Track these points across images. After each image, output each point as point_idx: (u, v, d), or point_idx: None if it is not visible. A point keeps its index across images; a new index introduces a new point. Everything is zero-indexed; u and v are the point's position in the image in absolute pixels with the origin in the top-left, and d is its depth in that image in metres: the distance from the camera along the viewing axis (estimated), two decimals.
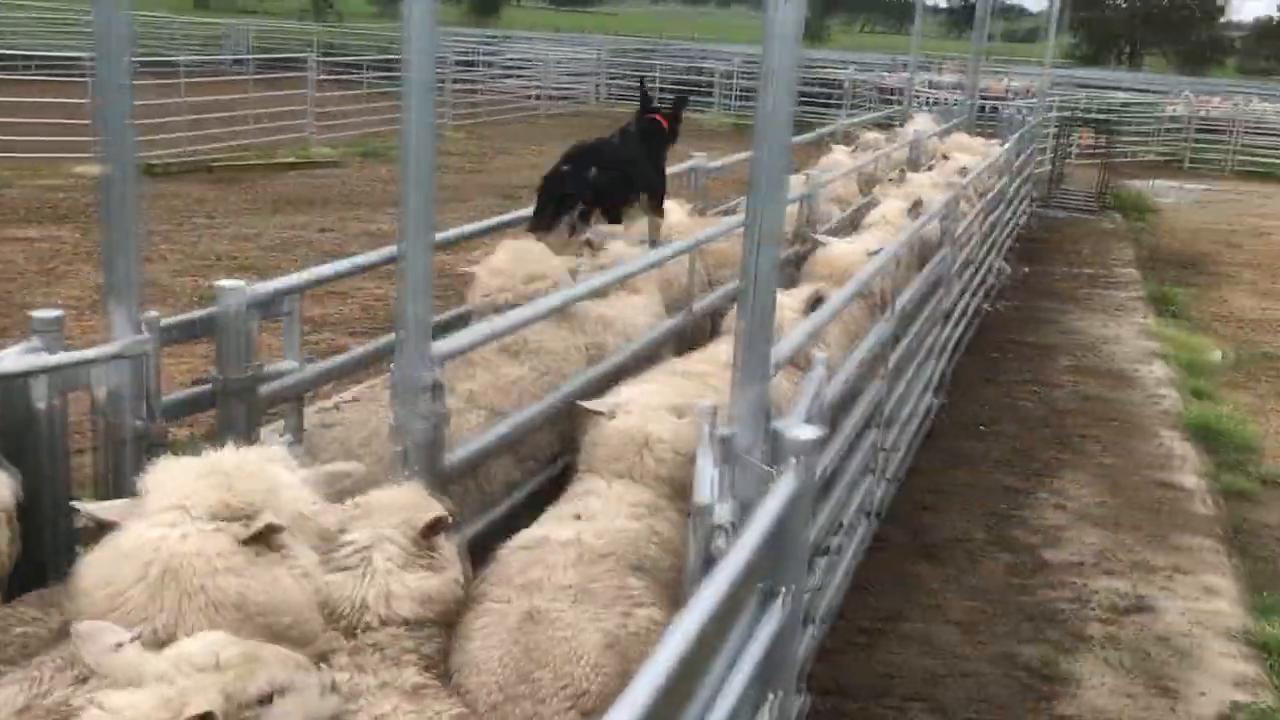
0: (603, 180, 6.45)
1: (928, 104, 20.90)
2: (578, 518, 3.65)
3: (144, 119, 18.19)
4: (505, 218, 6.58)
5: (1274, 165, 28.25)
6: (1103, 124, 23.47)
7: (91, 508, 2.85)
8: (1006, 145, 12.87)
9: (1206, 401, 9.42)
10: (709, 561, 2.81)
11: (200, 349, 5.32)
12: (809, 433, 3.10)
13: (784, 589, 3.06)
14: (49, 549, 3.47)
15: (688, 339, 6.30)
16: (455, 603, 3.21)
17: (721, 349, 5.42)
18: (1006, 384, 9.63)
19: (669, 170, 8.26)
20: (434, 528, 3.14)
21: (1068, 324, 11.85)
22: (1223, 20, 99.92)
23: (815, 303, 6.11)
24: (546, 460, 4.86)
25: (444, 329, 4.97)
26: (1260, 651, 5.61)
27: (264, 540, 2.73)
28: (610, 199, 6.63)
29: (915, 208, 8.31)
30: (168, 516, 2.65)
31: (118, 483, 3.68)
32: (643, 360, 5.43)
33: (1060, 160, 21.50)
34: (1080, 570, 6.34)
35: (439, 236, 5.04)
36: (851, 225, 9.20)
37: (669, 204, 7.47)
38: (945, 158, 11.91)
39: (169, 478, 2.77)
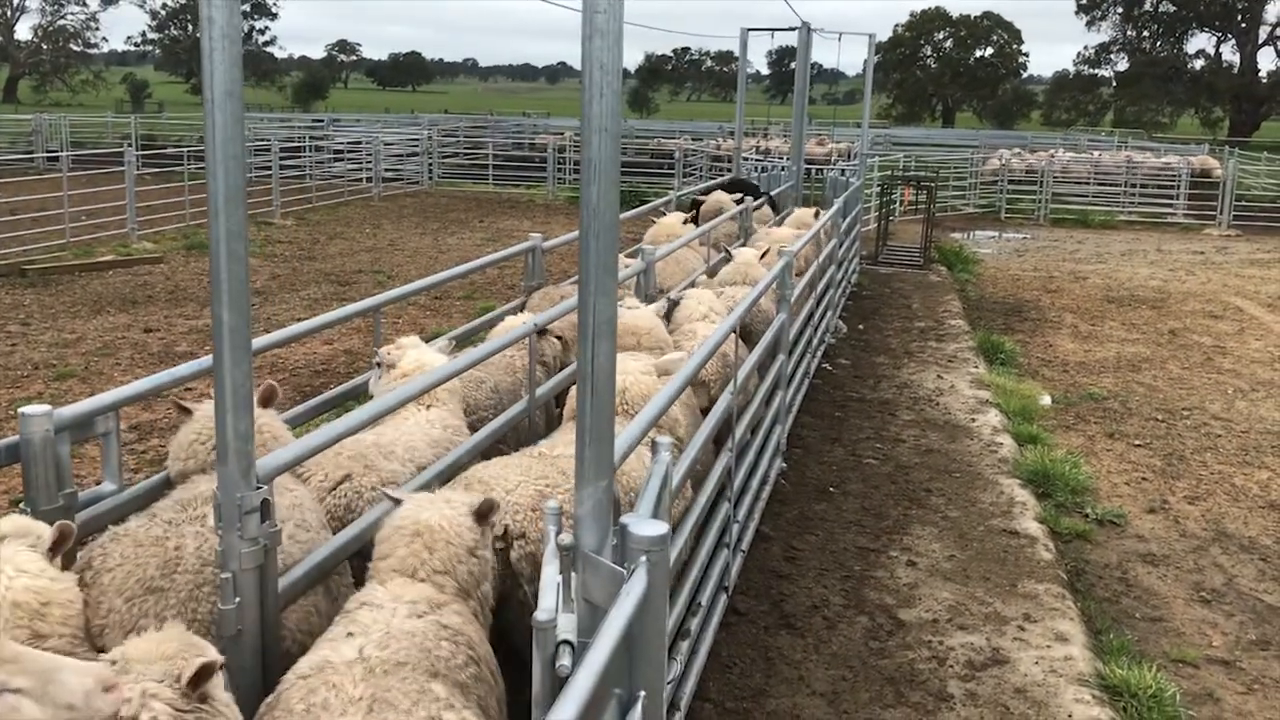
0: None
1: (757, 170, 21.40)
2: (350, 635, 3.38)
3: None
4: (336, 314, 6.38)
5: (1083, 211, 29.84)
6: (923, 180, 24.39)
7: None
8: (834, 208, 13.22)
9: (1040, 446, 9.72)
10: (554, 680, 2.69)
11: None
12: (657, 529, 3.03)
13: (641, 694, 2.97)
14: None
15: (535, 426, 6.21)
16: None
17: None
18: (851, 442, 9.78)
19: (508, 250, 9.67)
20: (201, 676, 2.82)
21: (904, 378, 12.14)
22: (1025, 75, 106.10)
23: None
24: None
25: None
26: (1112, 695, 5.73)
27: None
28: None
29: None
30: None
31: None
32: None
33: (885, 218, 22.23)
34: (935, 627, 6.40)
35: (259, 342, 4.86)
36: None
37: None
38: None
39: None
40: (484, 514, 3.89)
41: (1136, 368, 13.28)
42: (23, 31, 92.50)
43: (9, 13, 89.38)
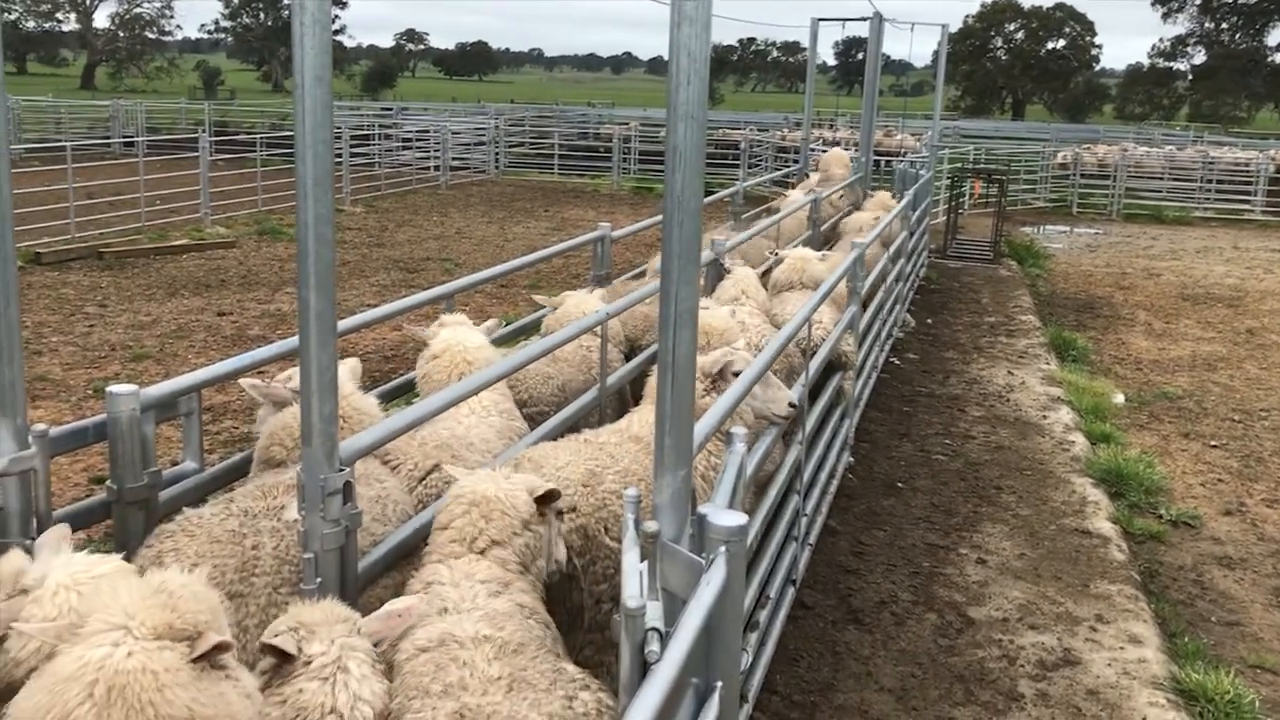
0: None
1: None
2: (446, 611, 3.39)
3: (31, 205, 17.72)
4: (408, 301, 6.44)
5: (1157, 207, 29.28)
6: (993, 174, 24.06)
7: (30, 629, 2.78)
8: (904, 200, 13.10)
9: (1113, 445, 9.56)
10: (642, 666, 2.68)
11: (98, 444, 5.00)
12: (735, 519, 3.02)
13: (719, 684, 2.96)
14: None
15: (608, 413, 6.21)
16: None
17: (633, 419, 5.32)
18: (919, 438, 9.69)
19: (577, 239, 9.63)
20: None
21: (973, 374, 12.00)
22: (1098, 68, 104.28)
23: (722, 372, 6.05)
24: None
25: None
26: (1188, 699, 5.63)
27: (211, 658, 2.67)
28: None
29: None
30: (110, 636, 2.57)
31: None
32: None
33: (954, 211, 21.97)
34: (1006, 626, 6.33)
35: (340, 325, 4.91)
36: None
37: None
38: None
39: (110, 599, 2.67)
40: (546, 500, 3.92)
41: (1212, 367, 13.01)
42: (101, 19, 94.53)
43: (88, 1, 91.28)
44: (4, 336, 3.54)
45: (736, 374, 5.61)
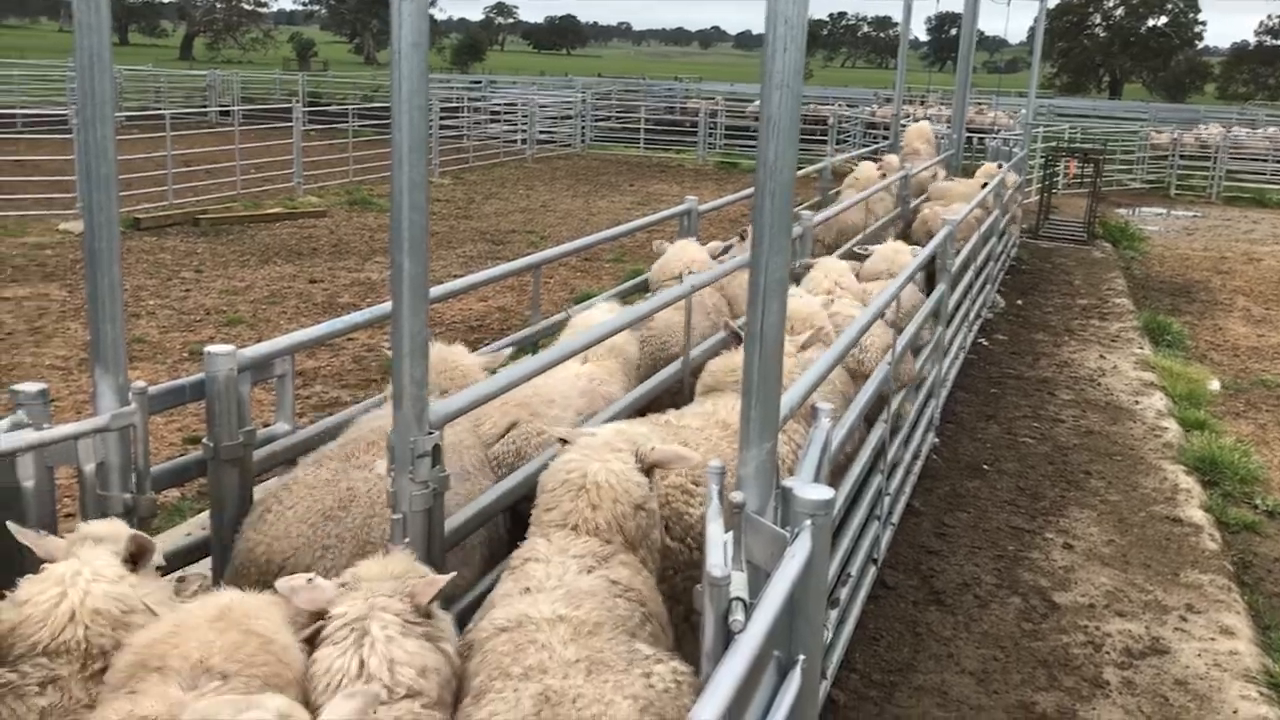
0: None
1: None
2: (528, 590, 3.30)
3: (131, 172, 18.16)
4: (495, 271, 6.49)
5: (1259, 190, 28.38)
6: (1089, 153, 23.50)
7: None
8: (996, 178, 12.86)
9: (1208, 433, 9.32)
10: (725, 635, 2.69)
11: (192, 405, 5.08)
12: (822, 493, 3.00)
13: (801, 657, 2.95)
14: None
15: (687, 388, 6.20)
16: (452, 679, 3.00)
17: (719, 403, 5.27)
18: (1007, 420, 9.54)
19: (663, 213, 9.81)
20: (429, 594, 2.99)
21: (1064, 356, 11.78)
22: (1200, 46, 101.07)
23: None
24: None
25: None
26: None
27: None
28: None
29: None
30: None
31: None
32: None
33: (1048, 191, 21.52)
34: (1092, 612, 6.22)
35: (430, 292, 4.95)
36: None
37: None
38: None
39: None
40: (651, 464, 3.76)
41: None
42: None
43: None
44: (107, 297, 3.65)
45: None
